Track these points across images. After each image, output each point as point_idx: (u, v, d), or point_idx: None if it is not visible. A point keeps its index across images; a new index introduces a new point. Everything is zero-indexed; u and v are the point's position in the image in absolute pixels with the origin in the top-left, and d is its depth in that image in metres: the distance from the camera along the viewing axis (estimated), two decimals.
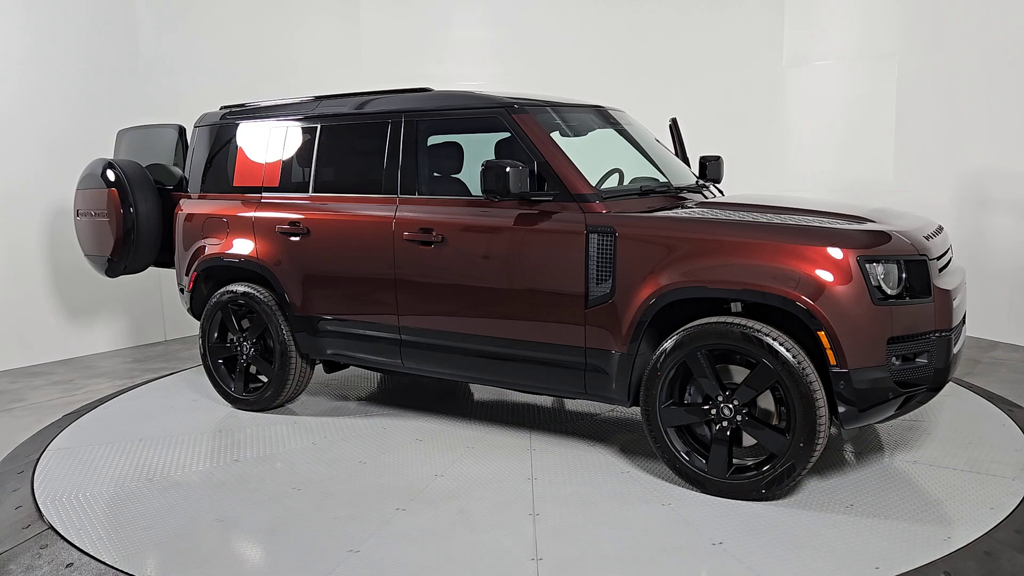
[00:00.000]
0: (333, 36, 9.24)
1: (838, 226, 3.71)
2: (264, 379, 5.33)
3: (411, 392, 5.72)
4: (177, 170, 6.02)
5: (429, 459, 4.38)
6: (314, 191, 5.00)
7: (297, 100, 5.26)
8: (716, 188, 5.04)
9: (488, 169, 4.06)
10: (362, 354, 4.91)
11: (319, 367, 5.40)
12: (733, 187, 5.05)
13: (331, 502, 3.85)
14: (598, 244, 3.99)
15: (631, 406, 4.09)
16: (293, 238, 4.98)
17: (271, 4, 8.68)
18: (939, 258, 3.83)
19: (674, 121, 5.66)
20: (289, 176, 5.13)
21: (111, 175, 5.74)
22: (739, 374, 3.79)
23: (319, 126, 5.02)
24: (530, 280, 4.20)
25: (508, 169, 4.02)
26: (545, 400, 5.34)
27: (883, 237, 3.66)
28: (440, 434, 4.77)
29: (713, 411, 3.77)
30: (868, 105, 7.82)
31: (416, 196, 4.62)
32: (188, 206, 5.56)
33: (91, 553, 3.44)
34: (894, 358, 3.58)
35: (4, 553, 3.60)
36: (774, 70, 8.52)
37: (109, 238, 5.80)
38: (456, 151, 4.96)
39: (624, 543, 3.37)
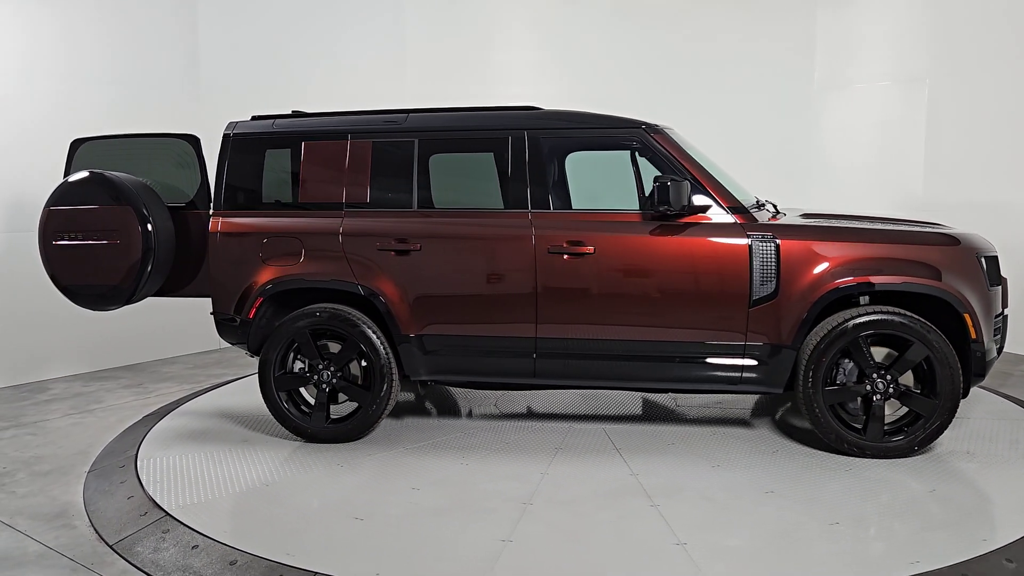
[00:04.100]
0: (378, 51, 9.19)
1: (954, 231, 4.65)
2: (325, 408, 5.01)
3: (424, 405, 5.75)
4: (173, 184, 5.34)
5: (608, 462, 4.54)
6: (419, 207, 4.85)
7: (377, 112, 5.04)
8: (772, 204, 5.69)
9: (663, 185, 4.41)
10: (484, 369, 4.87)
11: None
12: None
13: (578, 509, 3.91)
14: (761, 250, 4.52)
15: (785, 391, 4.67)
16: (400, 255, 4.79)
17: (318, 18, 8.77)
18: None
19: None
20: (383, 191, 4.90)
21: (121, 189, 4.96)
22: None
23: (416, 140, 4.89)
24: (690, 285, 4.59)
25: (677, 183, 4.42)
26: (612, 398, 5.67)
27: (981, 239, 4.68)
28: (569, 438, 4.94)
29: (868, 387, 4.50)
30: (898, 128, 8.21)
31: (551, 211, 4.75)
32: (230, 224, 5.00)
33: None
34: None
35: (129, 537, 3.79)
36: (806, 93, 8.86)
37: (119, 263, 5.00)
38: (575, 167, 5.14)
39: (877, 501, 3.96)
